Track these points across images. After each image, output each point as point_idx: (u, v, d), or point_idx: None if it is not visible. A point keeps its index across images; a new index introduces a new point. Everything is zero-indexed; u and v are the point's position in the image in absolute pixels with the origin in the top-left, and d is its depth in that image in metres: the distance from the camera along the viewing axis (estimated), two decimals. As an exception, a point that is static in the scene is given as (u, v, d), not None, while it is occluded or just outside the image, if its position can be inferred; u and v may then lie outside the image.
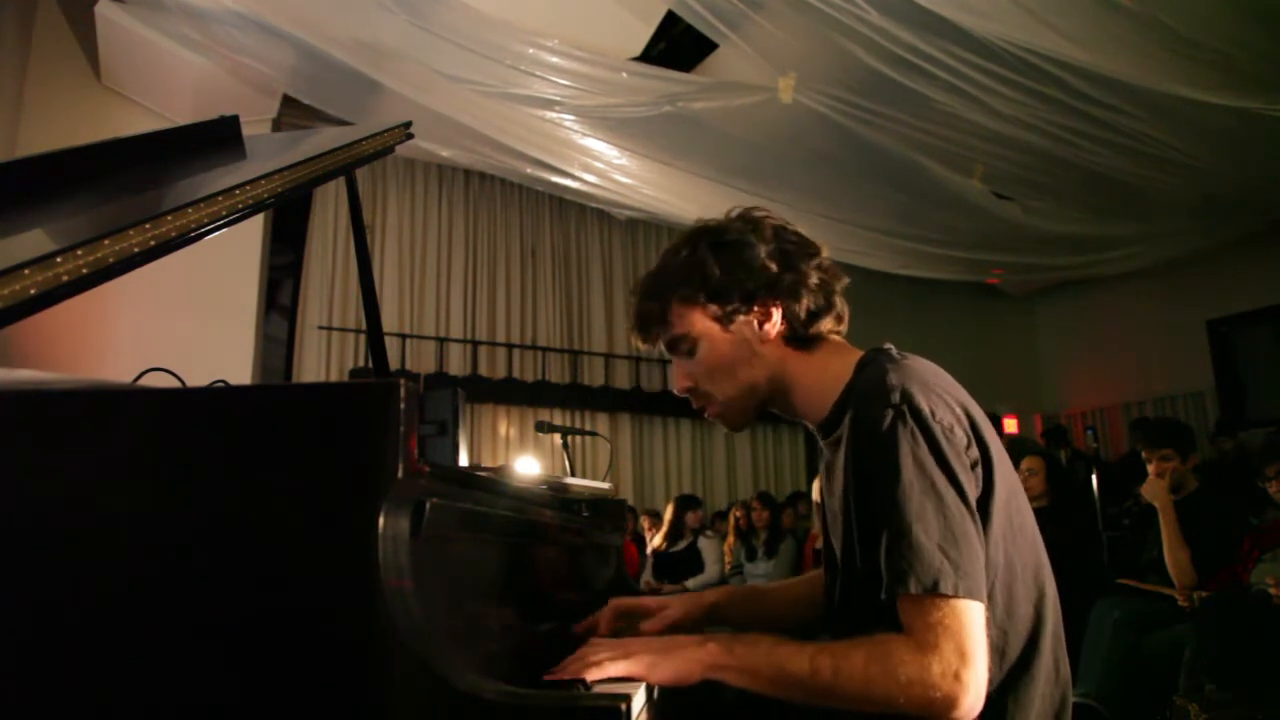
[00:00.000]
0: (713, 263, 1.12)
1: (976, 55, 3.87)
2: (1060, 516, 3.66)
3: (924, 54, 3.87)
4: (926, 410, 0.98)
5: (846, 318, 1.17)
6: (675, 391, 1.22)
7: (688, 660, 0.99)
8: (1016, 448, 4.89)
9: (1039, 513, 4.16)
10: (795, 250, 1.14)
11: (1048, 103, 4.20)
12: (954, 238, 6.12)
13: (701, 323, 1.14)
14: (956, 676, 0.89)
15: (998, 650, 1.00)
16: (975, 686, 0.90)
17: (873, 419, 0.99)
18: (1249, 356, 7.34)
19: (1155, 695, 2.69)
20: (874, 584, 0.99)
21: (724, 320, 1.13)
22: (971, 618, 0.91)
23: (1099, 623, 2.94)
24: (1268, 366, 7.17)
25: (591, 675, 1.00)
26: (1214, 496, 3.17)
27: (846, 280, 1.18)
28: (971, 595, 0.92)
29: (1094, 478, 4.14)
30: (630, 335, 1.22)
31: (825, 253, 1.17)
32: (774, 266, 1.11)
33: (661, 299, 1.16)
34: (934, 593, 0.90)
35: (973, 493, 0.98)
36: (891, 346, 1.12)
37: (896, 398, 0.98)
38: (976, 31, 3.64)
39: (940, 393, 1.02)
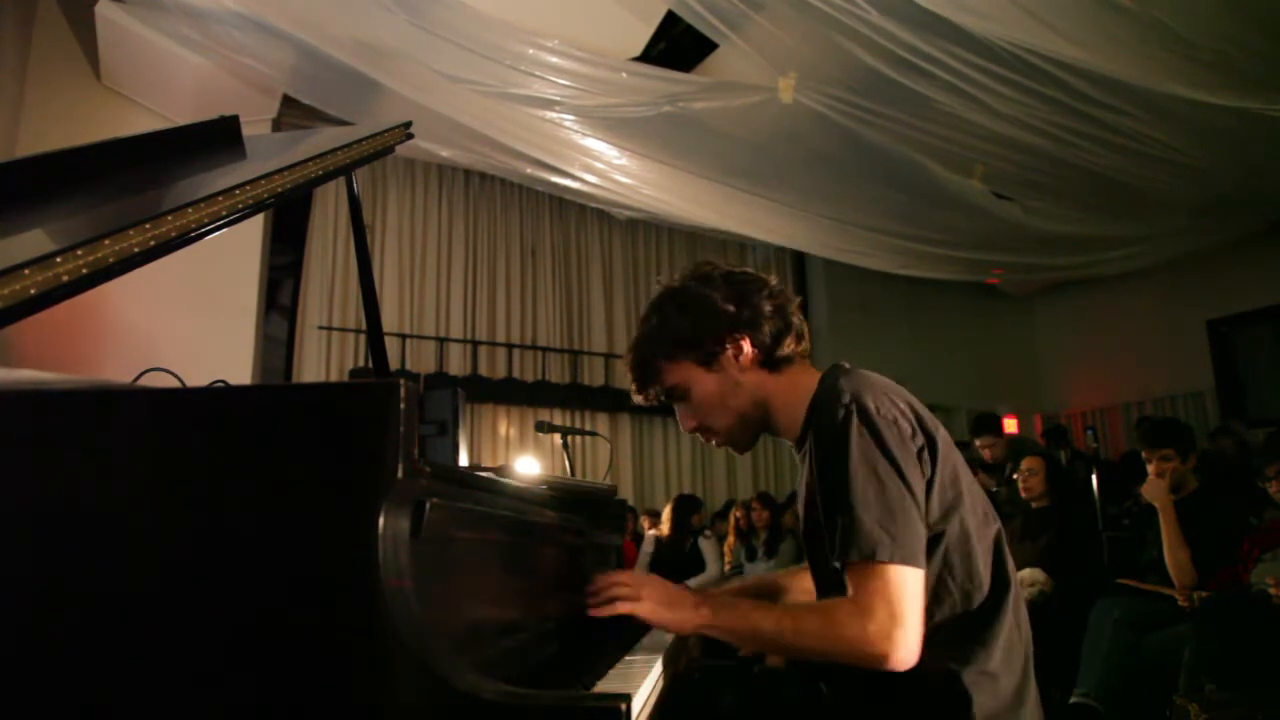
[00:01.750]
0: (681, 321, 1.31)
1: (976, 55, 3.86)
2: (1060, 516, 3.66)
3: (924, 54, 3.87)
4: (873, 407, 1.15)
5: (807, 335, 1.36)
6: (684, 431, 1.39)
7: (684, 619, 1.18)
8: (1016, 448, 4.89)
9: (1039, 513, 4.15)
10: (746, 288, 1.32)
11: (1048, 103, 4.19)
12: (954, 238, 6.11)
13: (688, 371, 1.31)
14: (888, 635, 1.05)
15: (962, 608, 1.17)
16: (906, 644, 1.06)
17: (829, 420, 1.17)
18: (1249, 356, 7.33)
19: (1155, 695, 2.68)
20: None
21: (705, 364, 1.31)
22: (905, 582, 1.07)
23: (1099, 623, 2.93)
24: (1268, 366, 7.16)
25: (602, 612, 1.19)
26: (1214, 496, 3.17)
27: (798, 300, 1.37)
28: (907, 562, 1.08)
29: (1094, 478, 4.14)
30: (633, 395, 1.39)
31: (773, 281, 1.36)
32: (731, 307, 1.30)
33: (650, 362, 1.34)
34: (872, 559, 1.07)
35: (918, 475, 1.14)
36: (845, 363, 1.29)
37: (847, 399, 1.16)
38: (976, 31, 3.64)
39: (886, 393, 1.19)
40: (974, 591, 1.17)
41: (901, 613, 1.06)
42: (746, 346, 1.30)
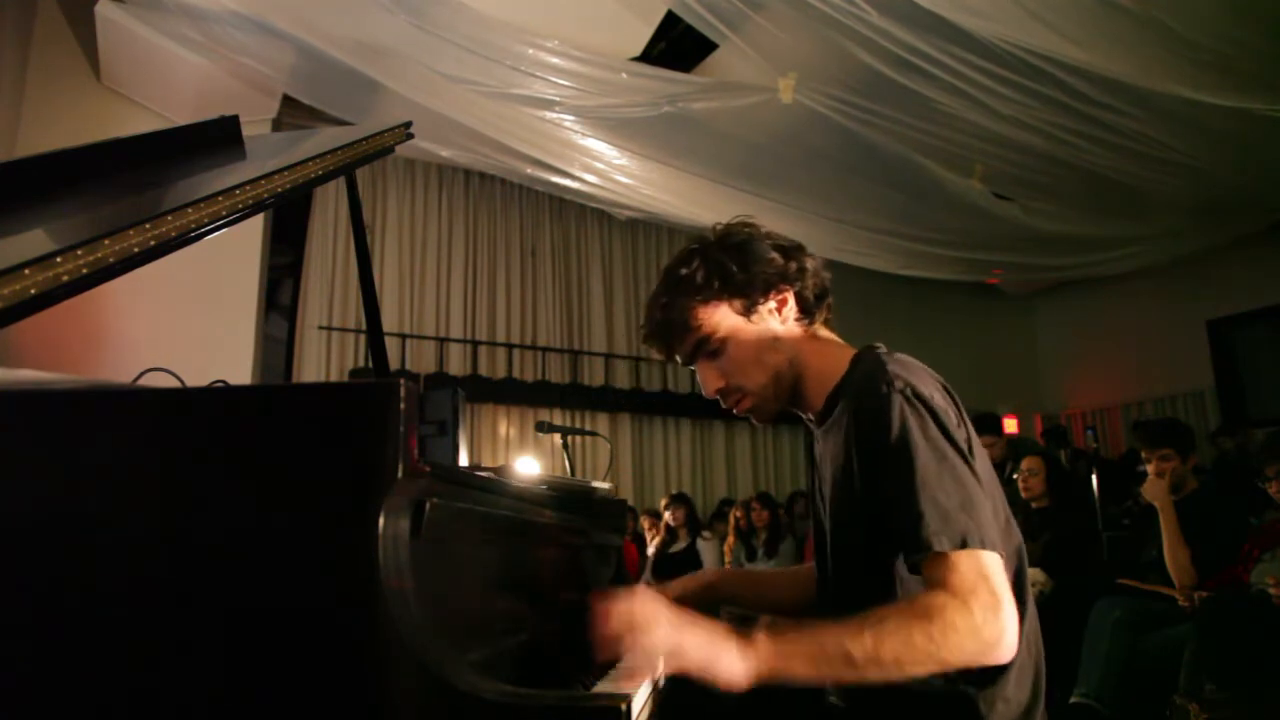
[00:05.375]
0: (729, 263, 1.20)
1: (976, 55, 3.86)
2: (1060, 516, 3.66)
3: (924, 54, 3.87)
4: (926, 393, 1.07)
5: (833, 307, 1.29)
6: (706, 395, 1.26)
7: (737, 670, 0.96)
8: (1016, 448, 4.89)
9: (1039, 513, 4.14)
10: (787, 244, 1.26)
11: (1048, 103, 4.20)
12: (954, 238, 6.12)
13: (727, 319, 1.21)
14: (997, 616, 0.95)
15: None
16: (1012, 625, 0.96)
17: (881, 406, 1.06)
18: (1249, 356, 7.34)
19: (1155, 695, 2.69)
20: (873, 559, 1.09)
21: (747, 312, 1.21)
22: (995, 566, 0.99)
23: (1099, 623, 2.94)
24: (1268, 366, 7.17)
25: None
26: (1214, 496, 3.17)
27: (828, 274, 1.29)
28: (994, 548, 1.00)
29: (1094, 478, 4.14)
30: (651, 349, 1.27)
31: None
32: (779, 258, 1.22)
33: (683, 306, 1.21)
34: (963, 548, 0.98)
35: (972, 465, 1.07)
36: (882, 345, 1.20)
37: (900, 384, 1.07)
38: (976, 32, 3.64)
39: (931, 380, 1.12)
40: None
41: (1000, 593, 0.97)
42: (791, 300, 1.22)
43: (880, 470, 1.06)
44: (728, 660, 0.96)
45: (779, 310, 1.22)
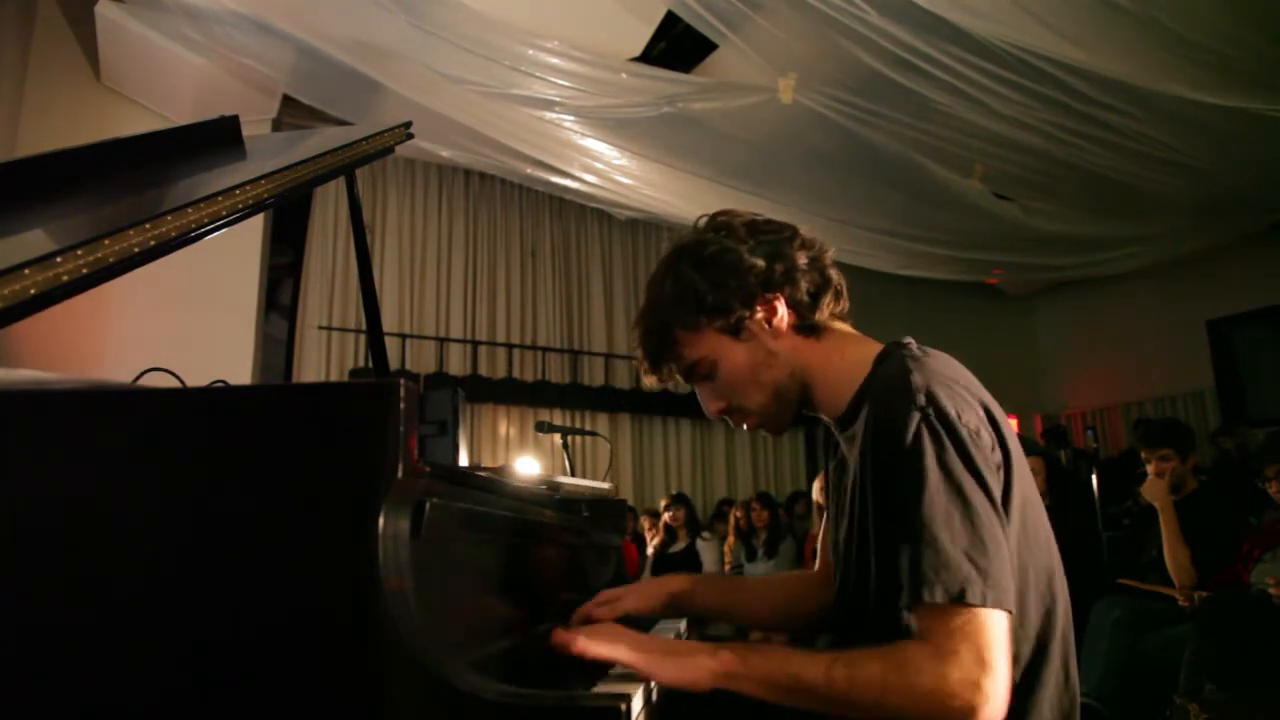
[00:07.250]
0: (701, 281, 1.09)
1: (976, 56, 3.87)
2: (1060, 516, 3.65)
3: (924, 54, 3.87)
4: (953, 413, 0.94)
5: (845, 293, 1.15)
6: (710, 416, 1.18)
7: (698, 668, 0.95)
8: (1016, 448, 4.88)
9: (1039, 513, 4.05)
10: (775, 238, 1.12)
11: (1047, 103, 4.20)
12: (954, 238, 6.12)
13: (712, 342, 1.11)
14: (976, 685, 0.85)
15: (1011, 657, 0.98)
16: (996, 697, 0.86)
17: (896, 422, 0.94)
18: (1249, 356, 7.34)
19: (1155, 695, 2.69)
20: (885, 584, 0.96)
21: (733, 331, 1.10)
22: (995, 626, 0.88)
23: (1099, 623, 2.94)
24: (1268, 366, 7.17)
25: (600, 650, 0.99)
26: (1214, 496, 3.17)
27: (832, 250, 1.15)
28: (999, 605, 0.88)
29: (1094, 478, 4.14)
30: (644, 376, 1.18)
31: (803, 230, 1.15)
32: (761, 262, 1.09)
33: (665, 333, 1.13)
34: (959, 601, 0.87)
35: (998, 499, 0.95)
36: (912, 341, 1.07)
37: (922, 400, 0.94)
38: (976, 32, 3.64)
39: (964, 394, 0.98)
40: (1023, 641, 0.99)
41: (991, 659, 0.86)
42: (781, 308, 1.09)
43: (889, 496, 0.96)
44: (684, 656, 0.96)
45: (769, 321, 1.10)
